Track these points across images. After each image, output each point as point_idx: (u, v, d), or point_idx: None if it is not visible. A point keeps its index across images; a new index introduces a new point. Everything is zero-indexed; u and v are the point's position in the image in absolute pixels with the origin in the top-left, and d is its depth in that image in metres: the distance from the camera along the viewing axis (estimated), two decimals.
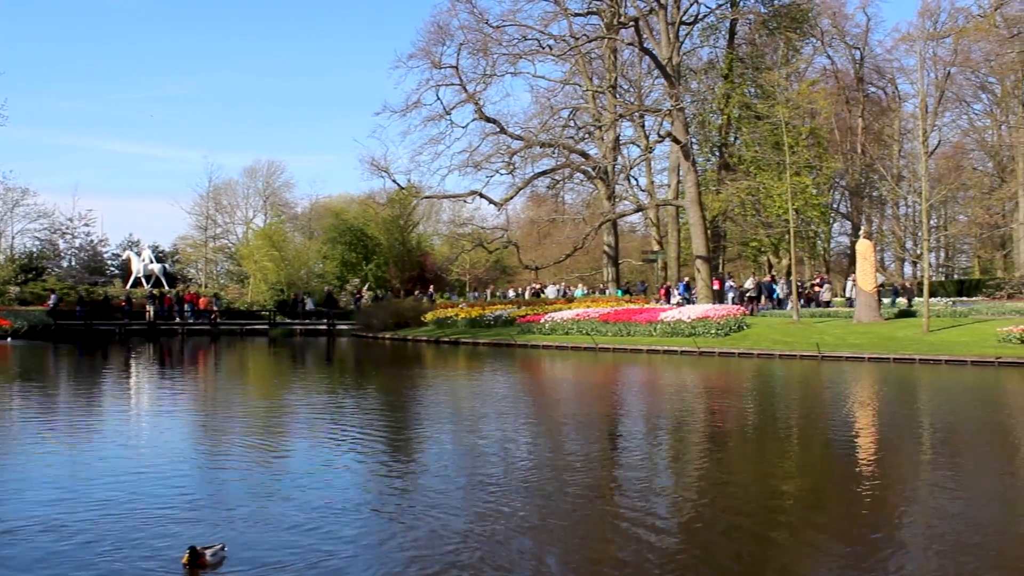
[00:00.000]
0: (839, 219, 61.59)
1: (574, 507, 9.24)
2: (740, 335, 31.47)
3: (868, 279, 32.51)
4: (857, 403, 18.38)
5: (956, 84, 61.64)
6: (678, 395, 19.73)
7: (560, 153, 47.20)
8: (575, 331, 35.23)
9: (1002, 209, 57.19)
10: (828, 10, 58.22)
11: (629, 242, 67.61)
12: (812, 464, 11.95)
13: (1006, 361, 24.50)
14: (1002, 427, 14.94)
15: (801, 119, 45.88)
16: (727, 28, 50.79)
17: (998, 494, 9.92)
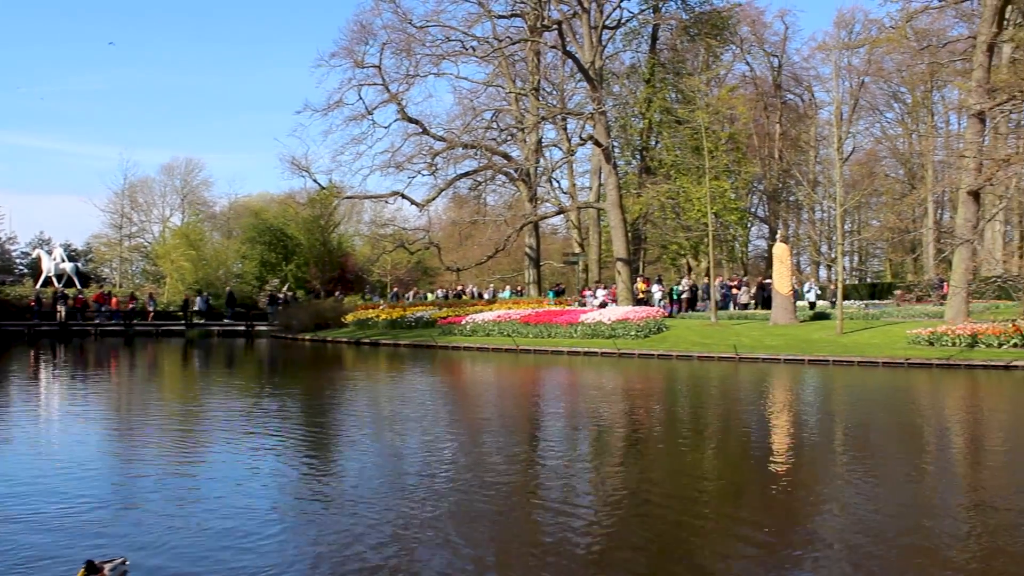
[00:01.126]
0: (757, 223, 62.64)
1: (495, 506, 9.20)
2: (659, 337, 31.76)
3: (784, 282, 33.09)
4: (773, 403, 18.67)
5: (870, 93, 63.22)
6: (598, 396, 19.81)
7: (482, 155, 47.16)
8: (496, 333, 35.23)
9: (912, 214, 58.72)
10: (747, 18, 59.17)
11: (551, 244, 67.90)
12: (729, 463, 12.07)
13: (915, 362, 25.13)
14: (911, 426, 15.33)
15: (720, 124, 46.53)
16: (649, 33, 51.39)
17: (907, 490, 10.17)
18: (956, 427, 15.39)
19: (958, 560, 7.51)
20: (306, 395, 20.54)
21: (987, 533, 8.37)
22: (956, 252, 30.16)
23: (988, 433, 14.68)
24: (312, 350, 37.15)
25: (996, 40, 31.64)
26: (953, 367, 24.50)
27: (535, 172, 49.64)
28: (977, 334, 26.09)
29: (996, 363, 24.31)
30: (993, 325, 26.65)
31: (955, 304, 30.14)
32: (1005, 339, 25.65)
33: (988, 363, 24.42)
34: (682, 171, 45.92)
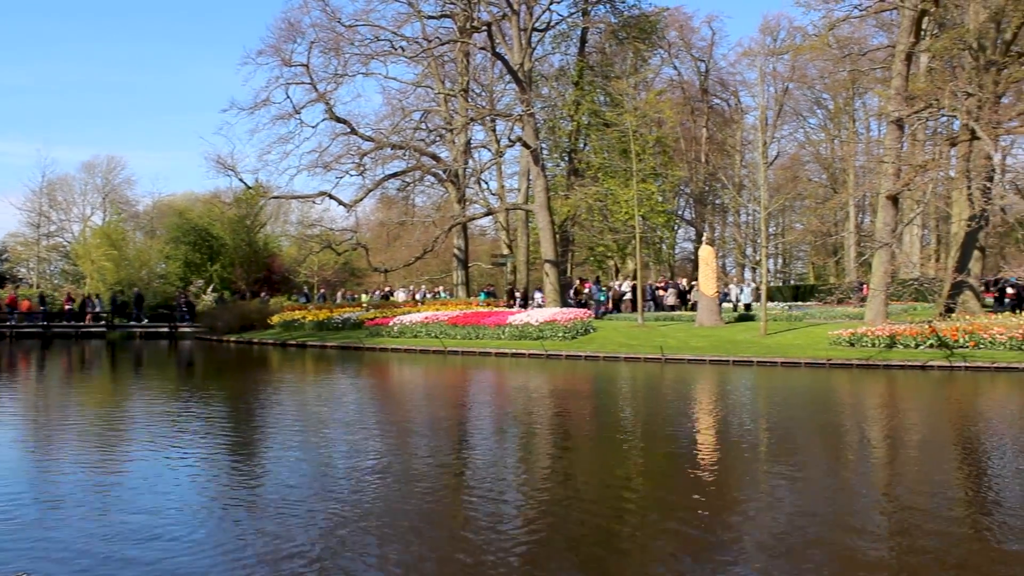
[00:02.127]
0: (683, 225, 63.38)
1: (420, 509, 9.13)
2: (587, 338, 31.90)
3: (710, 284, 33.50)
4: (698, 404, 18.86)
5: (794, 99, 64.45)
6: (524, 398, 19.83)
7: (411, 155, 46.84)
8: (424, 334, 35.06)
9: (834, 218, 59.97)
10: (675, 23, 59.91)
11: (479, 245, 67.83)
12: (656, 463, 12.15)
13: (836, 363, 25.61)
14: (832, 426, 15.59)
15: (648, 127, 46.93)
16: (578, 36, 51.62)
17: (831, 488, 10.35)
18: (875, 426, 15.69)
19: (877, 558, 7.65)
20: (231, 398, 20.23)
21: (904, 531, 8.54)
22: (876, 255, 30.81)
23: (906, 432, 14.99)
24: (237, 352, 36.63)
25: (914, 50, 32.39)
26: (873, 367, 25.03)
27: (464, 173, 49.51)
28: (895, 335, 26.69)
29: (913, 363, 24.90)
30: (910, 326, 27.29)
31: (874, 306, 30.79)
32: (922, 340, 26.28)
33: (906, 363, 25.01)
34: (610, 173, 46.24)
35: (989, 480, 11.14)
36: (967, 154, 31.07)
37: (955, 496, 10.07)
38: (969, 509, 9.44)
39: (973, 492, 10.36)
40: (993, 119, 28.43)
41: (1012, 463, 12.09)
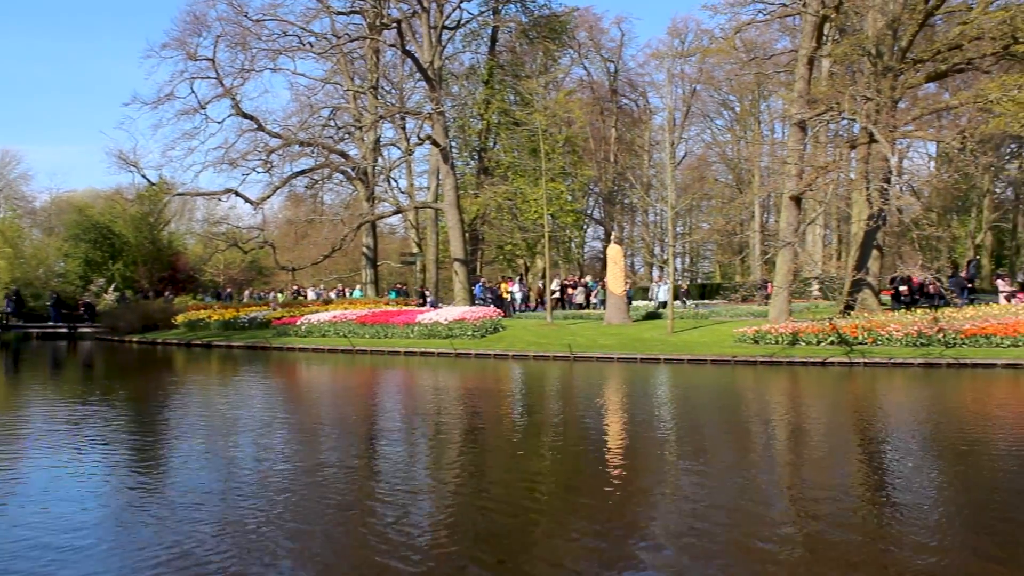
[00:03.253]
0: (592, 224, 63.91)
1: (330, 512, 9.00)
2: (496, 337, 31.91)
3: (618, 282, 33.79)
4: (606, 402, 18.98)
5: (701, 100, 65.48)
6: (434, 397, 19.72)
7: (319, 153, 46.33)
8: (332, 333, 34.68)
9: (740, 218, 61.07)
10: (585, 23, 60.37)
11: (388, 244, 67.39)
12: (564, 461, 12.18)
13: (741, 360, 26.05)
14: (737, 422, 15.84)
15: (558, 127, 47.22)
16: (489, 35, 51.67)
17: (736, 482, 10.49)
18: (779, 422, 15.97)
19: (782, 552, 7.77)
20: (132, 400, 19.70)
21: (805, 521, 8.69)
22: (779, 254, 31.41)
23: (808, 428, 15.29)
24: (140, 352, 35.76)
25: (816, 54, 33.11)
26: (776, 364, 25.52)
27: (373, 171, 49.15)
28: (798, 332, 27.27)
29: (815, 360, 25.46)
30: (812, 324, 27.91)
31: (778, 304, 31.39)
32: (823, 337, 26.90)
33: (807, 360, 25.55)
34: (519, 172, 46.40)
35: (887, 473, 11.43)
36: (866, 156, 31.85)
37: (855, 488, 10.30)
38: (868, 501, 9.66)
39: (872, 485, 10.62)
40: (890, 123, 29.18)
41: (908, 456, 12.43)
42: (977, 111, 32.99)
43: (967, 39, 30.98)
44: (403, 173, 60.04)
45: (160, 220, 60.94)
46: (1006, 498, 9.83)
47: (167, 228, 64.44)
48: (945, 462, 12.13)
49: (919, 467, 11.70)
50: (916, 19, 31.58)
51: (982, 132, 32.42)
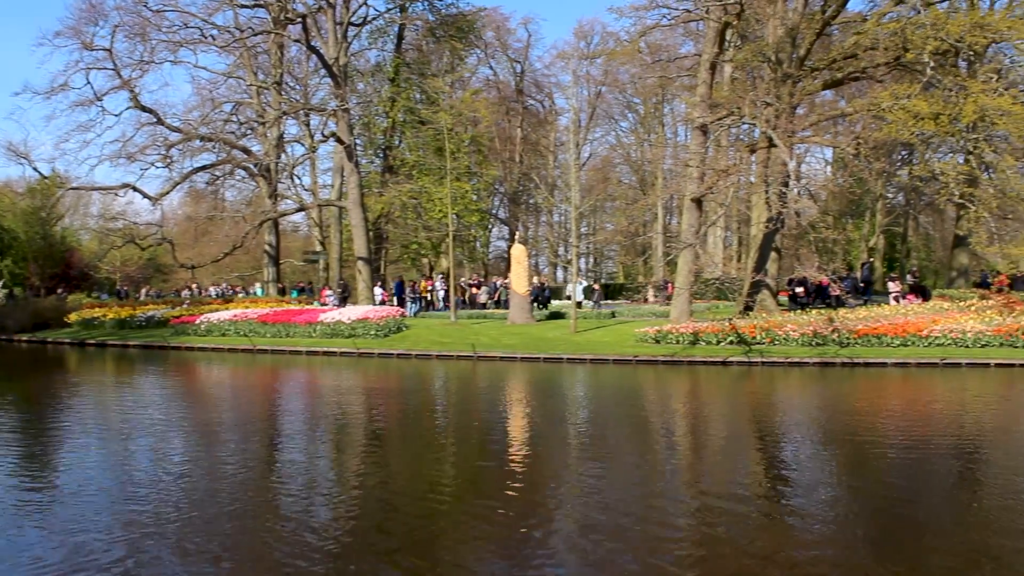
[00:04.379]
0: (497, 224, 63.94)
1: (231, 513, 8.83)
2: (399, 336, 31.71)
3: (522, 282, 33.87)
4: (509, 401, 19.02)
5: (606, 102, 66.00)
6: (336, 397, 19.52)
7: (221, 148, 45.45)
8: (232, 332, 34.03)
9: (643, 219, 61.81)
10: (492, 23, 60.34)
11: (291, 242, 66.45)
12: (467, 460, 12.16)
13: (643, 359, 26.38)
14: (638, 420, 16.03)
15: (464, 126, 47.14)
16: (395, 32, 51.19)
17: (635, 480, 10.61)
18: (679, 420, 16.21)
19: (684, 547, 7.88)
20: (21, 402, 19.05)
21: (709, 520, 8.82)
22: (681, 255, 31.87)
23: (708, 425, 15.55)
24: (30, 352, 34.63)
25: (718, 60, 33.71)
26: (677, 363, 25.90)
27: (276, 168, 48.38)
28: (698, 332, 27.71)
29: (714, 359, 25.91)
30: (712, 324, 28.40)
31: (679, 304, 31.86)
32: (723, 337, 27.38)
33: (708, 359, 25.99)
34: (425, 171, 46.18)
35: (784, 469, 11.68)
36: (765, 160, 32.55)
37: (753, 485, 10.49)
38: (765, 496, 9.85)
39: (769, 480, 10.82)
40: (788, 128, 29.87)
41: (804, 452, 12.72)
42: (870, 118, 34.02)
43: (861, 49, 31.90)
44: (307, 170, 59.33)
45: (53, 215, 59.10)
46: (896, 491, 10.12)
47: (60, 223, 62.52)
48: (838, 458, 12.45)
49: (814, 463, 11.98)
50: (814, 28, 32.38)
51: (875, 139, 33.43)
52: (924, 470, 11.53)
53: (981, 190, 30.43)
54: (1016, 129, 28.00)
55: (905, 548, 8.03)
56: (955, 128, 29.13)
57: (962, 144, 30.82)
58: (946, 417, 16.26)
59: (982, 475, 11.51)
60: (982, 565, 7.58)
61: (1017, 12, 32.20)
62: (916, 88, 28.64)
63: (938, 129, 28.68)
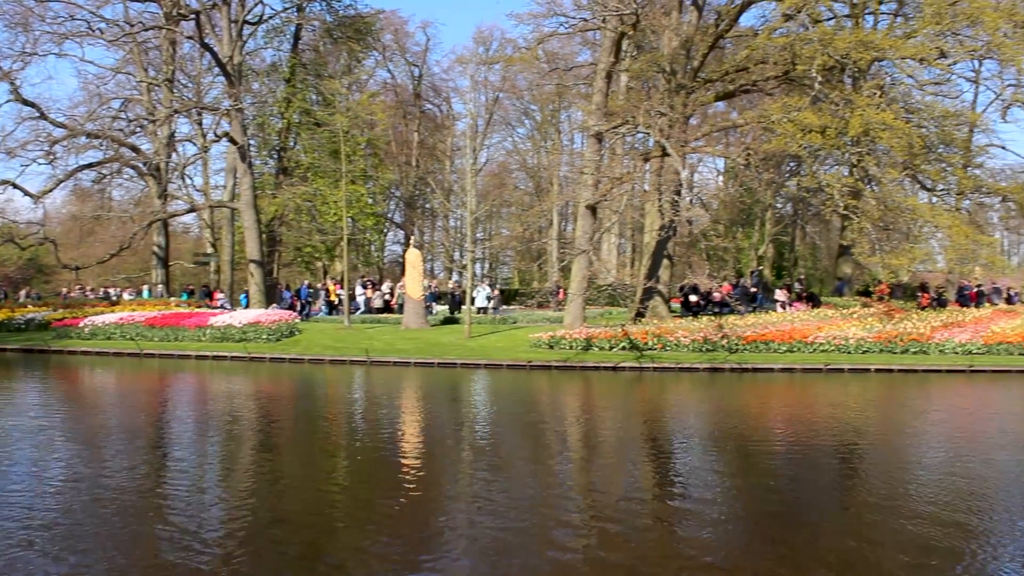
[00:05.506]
0: (393, 228, 63.61)
1: (117, 525, 8.56)
2: (292, 340, 31.22)
3: (416, 287, 33.73)
4: (403, 407, 18.93)
5: (504, 108, 66.24)
6: (225, 402, 19.14)
7: (108, 145, 44.15)
8: (118, 336, 32.97)
9: (538, 225, 62.20)
10: (391, 26, 60.02)
11: (182, 243, 64.85)
12: (360, 466, 12.05)
13: (537, 365, 26.54)
14: (532, 425, 16.10)
15: (360, 129, 46.71)
16: (292, 32, 50.40)
17: (531, 484, 10.64)
18: (572, 425, 16.34)
19: (576, 551, 7.94)
20: None
21: (601, 523, 8.89)
22: (575, 261, 32.17)
23: (601, 431, 15.70)
24: None
25: (614, 69, 34.18)
26: (570, 369, 26.13)
27: (166, 167, 47.28)
28: (591, 338, 28.00)
29: (607, 364, 26.23)
30: (605, 329, 28.74)
31: (573, 310, 32.17)
32: (615, 343, 27.74)
33: (600, 365, 26.29)
34: (320, 174, 45.60)
35: (674, 472, 11.86)
36: (659, 169, 33.06)
37: (644, 488, 10.63)
38: (656, 499, 9.99)
39: (660, 483, 10.99)
40: (682, 138, 30.43)
41: (694, 456, 12.95)
42: (760, 130, 34.91)
43: (753, 62, 32.70)
44: (198, 170, 58.13)
45: None
46: (782, 493, 10.37)
47: None
48: (727, 461, 12.71)
49: (703, 467, 12.20)
50: (707, 41, 33.07)
51: (765, 150, 34.25)
52: (808, 472, 11.85)
53: (864, 202, 31.48)
54: (898, 143, 29.05)
55: (790, 548, 8.23)
56: (841, 141, 30.09)
57: (847, 157, 31.86)
58: (829, 421, 16.75)
59: (863, 478, 11.88)
60: (860, 566, 7.81)
61: (898, 32, 33.44)
62: (804, 101, 29.48)
63: (825, 142, 29.58)
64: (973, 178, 36.82)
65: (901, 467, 12.62)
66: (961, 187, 35.46)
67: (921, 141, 31.80)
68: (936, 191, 36.68)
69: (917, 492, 10.66)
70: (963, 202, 40.23)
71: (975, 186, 37.04)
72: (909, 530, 8.93)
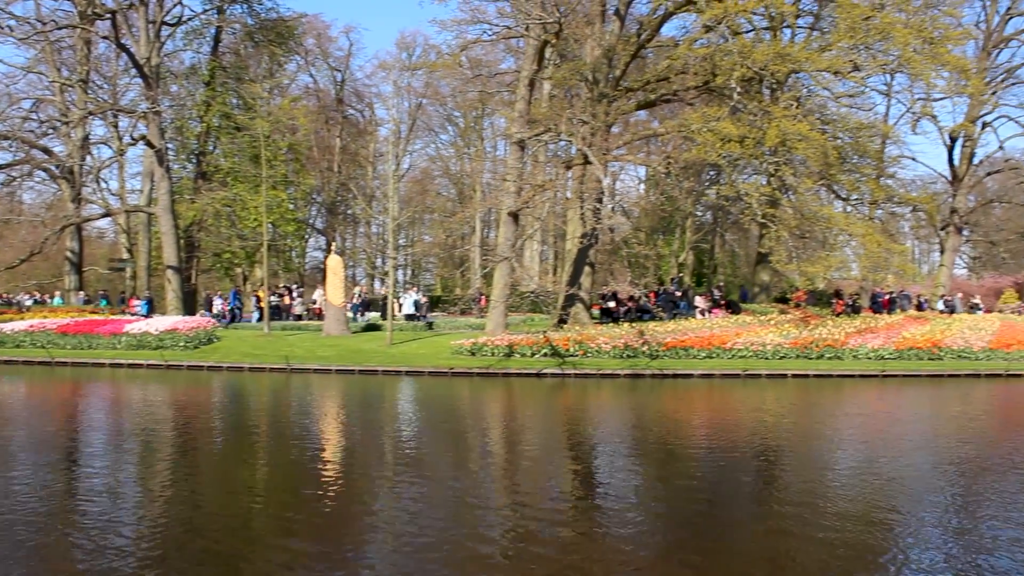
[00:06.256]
0: (314, 234, 62.99)
1: (24, 539, 8.29)
2: (210, 348, 30.69)
3: (338, 294, 33.43)
4: (323, 415, 18.74)
5: (427, 114, 66.09)
6: (142, 411, 18.72)
7: (19, 147, 43.05)
8: (28, 344, 32.01)
9: (461, 231, 62.20)
10: (313, 30, 59.50)
11: (96, 249, 63.28)
12: (279, 475, 11.90)
13: (459, 371, 26.48)
14: (453, 433, 16.07)
15: (281, 134, 46.22)
16: (212, 35, 49.61)
17: (453, 493, 10.60)
18: (494, 433, 16.33)
19: (497, 558, 7.91)
20: None
21: (522, 529, 8.89)
22: (497, 268, 32.21)
23: (522, 437, 15.71)
24: None
25: (537, 77, 34.31)
26: (492, 375, 26.13)
27: (80, 170, 46.20)
28: (513, 345, 28.03)
29: (529, 371, 26.28)
30: (527, 336, 28.80)
31: (495, 317, 32.20)
32: (537, 349, 27.81)
33: (523, 371, 26.33)
34: (240, 179, 44.93)
35: (596, 478, 11.92)
36: (581, 177, 33.31)
37: (565, 493, 10.67)
38: (578, 505, 10.02)
39: (581, 489, 11.02)
40: (603, 146, 30.72)
41: (615, 461, 13.02)
42: (681, 139, 35.41)
43: (674, 72, 33.15)
44: (114, 174, 56.86)
45: None
46: (701, 498, 10.47)
47: None
48: (648, 466, 12.83)
49: (625, 471, 12.29)
50: (629, 50, 33.45)
51: (685, 159, 34.80)
52: (729, 475, 12.00)
53: (781, 211, 32.11)
54: (813, 154, 29.72)
55: (709, 552, 8.31)
56: (759, 151, 30.62)
57: (765, 166, 32.40)
58: (748, 426, 17.00)
59: (780, 482, 12.07)
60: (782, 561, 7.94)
61: (814, 45, 34.19)
62: (724, 112, 29.98)
63: (743, 151, 30.10)
64: (885, 188, 37.73)
65: (819, 469, 12.86)
66: (874, 197, 36.32)
67: (836, 152, 32.55)
68: (850, 201, 37.52)
69: (835, 492, 10.90)
70: (876, 211, 41.26)
71: (887, 196, 37.98)
72: (826, 526, 9.17)
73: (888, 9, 30.36)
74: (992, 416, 20.14)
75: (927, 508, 10.15)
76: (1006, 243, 61.46)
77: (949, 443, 15.20)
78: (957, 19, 35.17)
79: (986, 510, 9.99)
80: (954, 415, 19.87)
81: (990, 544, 8.63)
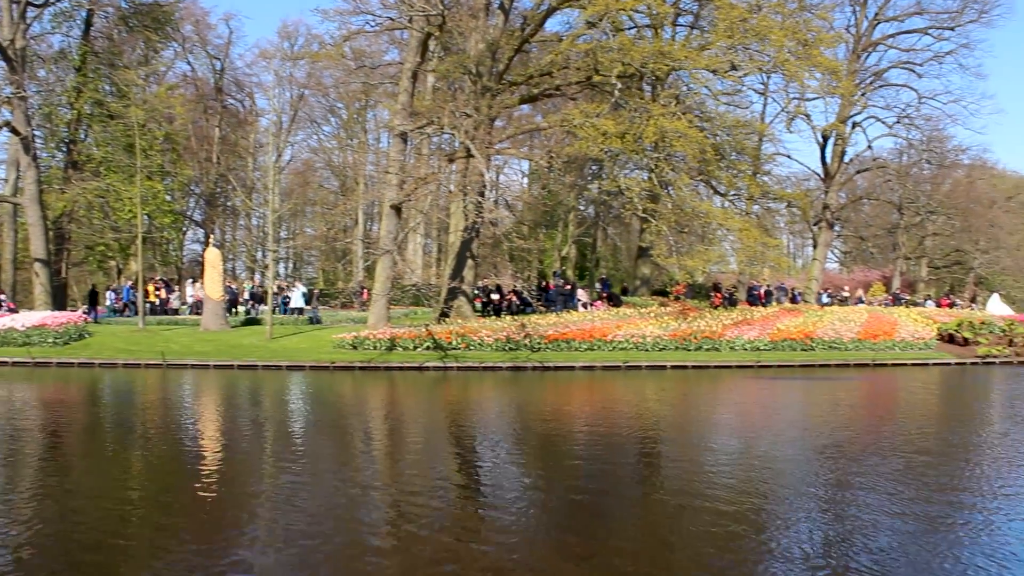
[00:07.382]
0: (192, 227, 61.48)
1: None
2: (82, 344, 29.63)
3: (216, 287, 32.72)
4: (200, 410, 18.40)
5: (309, 105, 65.19)
6: (5, 412, 17.95)
7: None
8: None
9: (343, 224, 61.59)
10: (191, 16, 57.93)
11: None
12: (156, 474, 11.62)
13: (340, 365, 26.28)
14: (335, 426, 15.99)
15: (157, 123, 44.91)
16: (83, 18, 47.87)
17: (335, 486, 10.53)
18: (374, 425, 16.25)
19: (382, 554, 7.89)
20: None
21: (405, 525, 8.87)
22: (379, 261, 32.03)
23: (404, 431, 15.67)
24: None
25: (420, 69, 34.21)
26: (374, 369, 26.01)
27: None
28: (395, 338, 27.92)
29: (411, 364, 26.24)
30: (409, 330, 28.73)
31: (377, 310, 32.02)
32: (420, 343, 27.76)
33: (405, 365, 26.28)
34: (113, 168, 43.50)
35: (478, 472, 11.95)
36: (464, 170, 33.33)
37: (448, 488, 10.68)
38: (460, 500, 10.04)
39: (463, 484, 11.04)
40: (486, 140, 30.80)
41: (497, 455, 13.09)
42: (563, 134, 35.77)
43: (556, 67, 33.47)
44: None
45: None
46: (583, 488, 10.60)
47: None
48: (531, 459, 12.92)
49: (507, 465, 12.34)
50: (513, 44, 33.60)
51: (567, 153, 35.14)
52: (608, 467, 12.16)
53: (661, 205, 32.76)
54: (691, 150, 30.39)
55: (593, 543, 8.41)
56: (639, 147, 31.15)
57: (646, 162, 32.96)
58: (629, 417, 17.31)
59: (661, 472, 12.30)
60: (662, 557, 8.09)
61: (694, 44, 34.95)
62: (605, 107, 30.42)
63: (624, 147, 30.60)
64: (761, 185, 38.87)
65: (698, 456, 13.15)
66: (751, 193, 37.37)
67: (713, 149, 33.39)
68: (728, 196, 38.54)
69: (715, 478, 11.17)
70: (752, 207, 42.42)
71: (763, 192, 39.14)
72: (708, 508, 9.48)
73: (765, 11, 31.25)
74: (861, 403, 20.94)
75: (801, 489, 10.51)
76: (874, 239, 64.10)
77: (822, 429, 15.75)
78: (829, 23, 36.49)
79: (861, 493, 10.37)
80: (825, 402, 20.60)
81: (869, 526, 8.95)
